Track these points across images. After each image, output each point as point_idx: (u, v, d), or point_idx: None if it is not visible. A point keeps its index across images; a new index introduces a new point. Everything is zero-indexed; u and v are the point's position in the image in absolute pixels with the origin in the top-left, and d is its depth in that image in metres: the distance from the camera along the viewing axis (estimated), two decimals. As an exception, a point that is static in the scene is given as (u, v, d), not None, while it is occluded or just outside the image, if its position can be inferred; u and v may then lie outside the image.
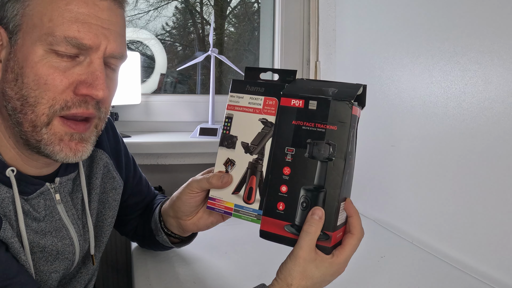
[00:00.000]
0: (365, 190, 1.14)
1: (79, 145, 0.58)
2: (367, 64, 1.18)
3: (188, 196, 0.68)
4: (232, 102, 0.64)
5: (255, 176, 0.61)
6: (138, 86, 1.37)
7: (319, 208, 0.54)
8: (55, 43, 0.52)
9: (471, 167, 0.84)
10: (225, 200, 0.63)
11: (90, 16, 0.54)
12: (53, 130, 0.55)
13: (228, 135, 0.63)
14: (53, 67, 0.53)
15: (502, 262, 0.77)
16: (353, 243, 0.56)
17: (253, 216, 0.61)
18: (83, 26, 0.53)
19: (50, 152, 0.56)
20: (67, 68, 0.54)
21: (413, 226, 1.00)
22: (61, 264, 0.64)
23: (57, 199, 0.64)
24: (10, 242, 0.55)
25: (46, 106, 0.54)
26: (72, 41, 0.53)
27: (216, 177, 0.63)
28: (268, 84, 0.62)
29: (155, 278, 0.78)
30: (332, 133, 0.54)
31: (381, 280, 0.81)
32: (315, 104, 0.55)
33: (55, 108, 0.54)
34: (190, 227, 0.72)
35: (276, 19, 1.56)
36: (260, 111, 0.61)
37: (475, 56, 0.82)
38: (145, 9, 1.71)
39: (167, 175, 1.43)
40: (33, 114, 0.54)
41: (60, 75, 0.53)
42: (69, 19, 0.52)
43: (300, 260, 0.54)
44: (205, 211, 0.71)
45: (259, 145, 0.61)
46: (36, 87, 0.53)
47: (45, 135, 0.55)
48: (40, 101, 0.54)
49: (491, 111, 0.79)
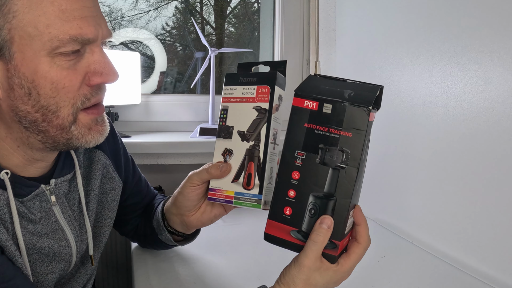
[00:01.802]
0: (365, 190, 1.14)
1: (103, 126, 0.61)
2: (367, 64, 1.18)
3: (189, 189, 0.68)
4: (226, 94, 0.66)
5: (253, 162, 0.62)
6: (138, 86, 1.37)
7: (328, 217, 0.52)
8: (61, 46, 0.52)
9: (471, 167, 0.84)
10: (225, 189, 0.65)
11: (82, 10, 0.53)
12: (81, 124, 0.57)
13: (224, 126, 0.65)
14: (65, 69, 0.53)
15: (502, 262, 0.77)
16: (359, 253, 0.55)
17: (254, 201, 0.62)
18: (81, 21, 0.53)
19: (83, 143, 0.58)
20: (75, 65, 0.55)
21: (413, 226, 1.00)
22: (57, 266, 0.64)
23: (52, 200, 0.63)
24: (5, 245, 0.55)
25: (69, 106, 0.55)
26: (78, 39, 0.53)
27: (214, 167, 0.64)
28: (260, 74, 0.64)
29: (155, 278, 0.78)
30: (346, 140, 0.52)
31: (381, 280, 0.81)
32: (330, 108, 0.52)
33: (77, 105, 0.56)
34: (194, 222, 0.73)
35: (276, 19, 1.56)
36: (253, 99, 0.63)
37: (475, 56, 0.82)
38: (145, 9, 1.71)
39: (167, 175, 1.43)
40: (59, 119, 0.55)
41: (74, 74, 0.54)
42: (66, 19, 0.52)
43: (304, 268, 0.53)
44: (208, 205, 0.71)
45: (255, 131, 0.62)
46: (55, 94, 0.54)
47: (75, 131, 0.57)
48: (62, 105, 0.55)
49: (491, 111, 0.79)
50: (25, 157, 0.59)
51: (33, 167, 0.61)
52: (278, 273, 0.57)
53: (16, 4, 0.50)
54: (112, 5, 1.63)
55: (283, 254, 0.57)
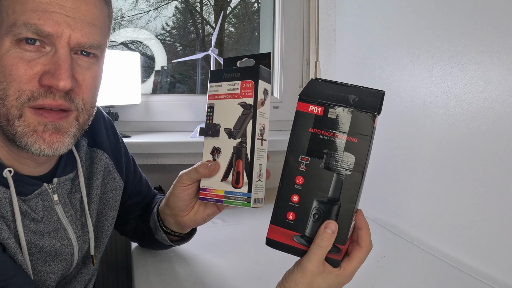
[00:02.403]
0: (365, 190, 1.14)
1: (54, 136, 0.56)
2: (367, 64, 1.18)
3: (179, 189, 0.68)
4: (211, 92, 0.65)
5: (241, 160, 0.62)
6: (138, 86, 1.37)
7: (332, 222, 0.53)
8: (17, 32, 0.52)
9: (471, 167, 0.84)
10: (215, 188, 0.64)
11: (51, 5, 0.53)
12: (26, 122, 0.54)
13: (211, 124, 0.65)
14: (17, 58, 0.53)
15: (502, 262, 0.77)
16: (361, 256, 0.55)
17: (243, 200, 0.61)
18: (43, 13, 0.53)
19: (25, 144, 0.55)
20: (32, 59, 0.53)
21: (413, 226, 1.00)
22: (59, 265, 0.64)
23: (55, 199, 0.63)
24: (7, 243, 0.55)
25: (14, 97, 0.53)
26: (31, 28, 0.52)
27: (203, 166, 0.64)
28: (243, 68, 0.63)
29: (155, 278, 0.78)
30: (351, 146, 0.52)
31: (381, 280, 0.81)
32: (335, 113, 0.53)
33: (22, 99, 0.53)
34: (188, 222, 0.72)
35: (276, 19, 1.56)
36: (238, 95, 0.62)
37: (475, 56, 0.82)
38: (145, 9, 1.71)
39: (167, 175, 1.43)
40: (5, 108, 0.54)
41: (24, 65, 0.53)
42: (31, 8, 0.52)
43: (307, 272, 0.53)
44: (201, 204, 0.71)
45: (241, 128, 0.62)
46: (3, 79, 0.53)
47: (19, 127, 0.54)
48: (8, 93, 0.53)
49: (491, 111, 0.79)
50: (5, 149, 0.58)
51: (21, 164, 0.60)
52: (278, 273, 0.57)
53: None
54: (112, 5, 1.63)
55: (283, 255, 0.57)
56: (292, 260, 0.56)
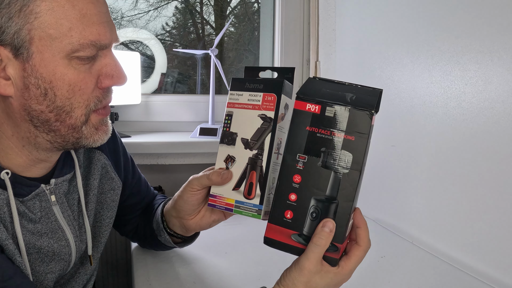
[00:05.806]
0: (365, 190, 1.14)
1: (107, 126, 0.63)
2: (367, 64, 1.18)
3: (189, 194, 0.68)
4: (231, 100, 0.64)
5: (255, 171, 0.61)
6: (138, 86, 1.37)
7: (330, 221, 0.53)
8: (80, 50, 0.54)
9: (471, 167, 0.84)
10: (225, 197, 0.64)
11: (99, 15, 0.55)
12: (91, 124, 0.59)
13: (228, 132, 0.64)
14: (81, 72, 0.55)
15: (502, 262, 0.77)
16: (359, 255, 0.55)
17: (254, 211, 0.61)
18: (99, 27, 0.55)
19: (91, 142, 0.60)
20: (90, 68, 0.56)
21: (413, 226, 1.00)
22: (57, 265, 0.64)
23: (52, 200, 0.64)
24: (5, 244, 0.55)
25: (83, 107, 0.57)
26: (96, 44, 0.55)
27: (216, 174, 0.63)
28: (266, 80, 0.62)
29: (155, 278, 0.78)
30: (349, 144, 0.52)
31: (381, 280, 0.81)
32: (332, 111, 0.52)
33: (91, 107, 0.58)
34: (193, 226, 0.72)
35: (276, 19, 1.56)
36: (259, 107, 0.62)
37: (475, 56, 0.82)
38: (145, 9, 1.71)
39: (167, 175, 1.43)
40: (72, 119, 0.57)
41: (89, 77, 0.56)
42: (86, 23, 0.53)
43: (305, 271, 0.53)
44: (207, 210, 0.71)
45: (259, 140, 0.61)
46: (71, 95, 0.55)
47: (85, 131, 0.59)
48: (77, 106, 0.56)
49: (491, 111, 0.79)
50: (29, 157, 0.60)
51: (36, 167, 0.62)
52: (278, 273, 0.57)
53: (39, 5, 0.51)
54: (112, 5, 1.63)
55: (283, 255, 0.57)
56: (292, 259, 0.56)
